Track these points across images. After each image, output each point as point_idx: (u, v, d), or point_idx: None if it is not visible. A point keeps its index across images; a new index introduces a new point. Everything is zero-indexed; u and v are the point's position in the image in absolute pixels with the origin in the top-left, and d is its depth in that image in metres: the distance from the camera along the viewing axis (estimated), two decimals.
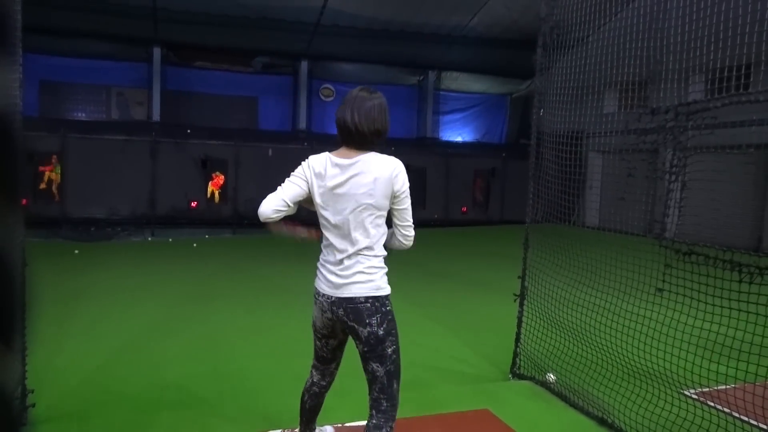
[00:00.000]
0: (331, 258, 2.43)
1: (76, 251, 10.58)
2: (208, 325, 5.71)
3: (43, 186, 12.31)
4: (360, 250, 2.36)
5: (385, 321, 2.37)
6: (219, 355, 4.82)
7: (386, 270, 2.45)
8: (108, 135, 13.14)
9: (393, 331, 2.40)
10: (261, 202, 2.43)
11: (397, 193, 2.37)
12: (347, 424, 3.40)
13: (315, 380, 2.71)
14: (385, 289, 2.40)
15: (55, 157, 12.30)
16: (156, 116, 14.32)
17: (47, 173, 12.31)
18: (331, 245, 2.43)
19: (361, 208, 2.34)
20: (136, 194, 13.05)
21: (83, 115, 14.55)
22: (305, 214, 2.57)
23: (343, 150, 2.43)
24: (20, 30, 2.92)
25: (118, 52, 14.31)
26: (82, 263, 9.33)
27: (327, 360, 2.65)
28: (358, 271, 2.36)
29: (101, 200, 12.85)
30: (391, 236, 2.51)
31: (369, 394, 2.45)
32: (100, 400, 3.83)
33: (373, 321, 2.34)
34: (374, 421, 2.40)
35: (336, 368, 2.70)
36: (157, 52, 14.27)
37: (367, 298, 2.35)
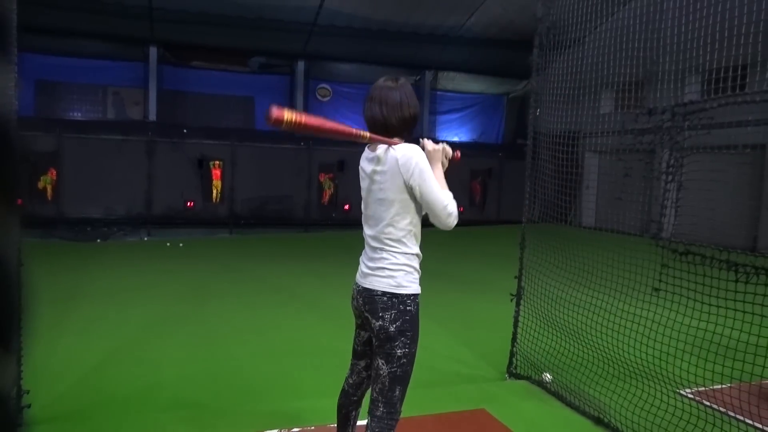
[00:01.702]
0: (366, 248, 2.46)
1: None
2: (204, 326, 5.70)
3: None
4: (385, 244, 2.34)
5: (401, 319, 2.29)
6: (215, 356, 4.81)
7: (416, 269, 2.35)
8: (104, 135, 13.11)
9: (408, 334, 2.31)
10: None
11: (409, 182, 2.24)
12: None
13: (347, 376, 2.68)
14: (408, 288, 2.32)
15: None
16: (152, 116, 14.30)
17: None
18: (365, 236, 2.46)
19: (380, 201, 2.33)
20: (133, 194, 13.02)
21: (79, 114, 14.52)
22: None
23: None
24: (16, 29, 2.92)
25: (114, 52, 14.28)
26: (79, 263, 9.30)
27: (357, 354, 2.60)
28: (381, 266, 2.33)
29: (97, 200, 12.82)
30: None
31: (370, 394, 2.42)
32: (96, 401, 3.82)
33: (387, 316, 2.29)
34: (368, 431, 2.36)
35: (364, 370, 2.59)
36: (153, 51, 14.24)
37: (384, 292, 2.31)
